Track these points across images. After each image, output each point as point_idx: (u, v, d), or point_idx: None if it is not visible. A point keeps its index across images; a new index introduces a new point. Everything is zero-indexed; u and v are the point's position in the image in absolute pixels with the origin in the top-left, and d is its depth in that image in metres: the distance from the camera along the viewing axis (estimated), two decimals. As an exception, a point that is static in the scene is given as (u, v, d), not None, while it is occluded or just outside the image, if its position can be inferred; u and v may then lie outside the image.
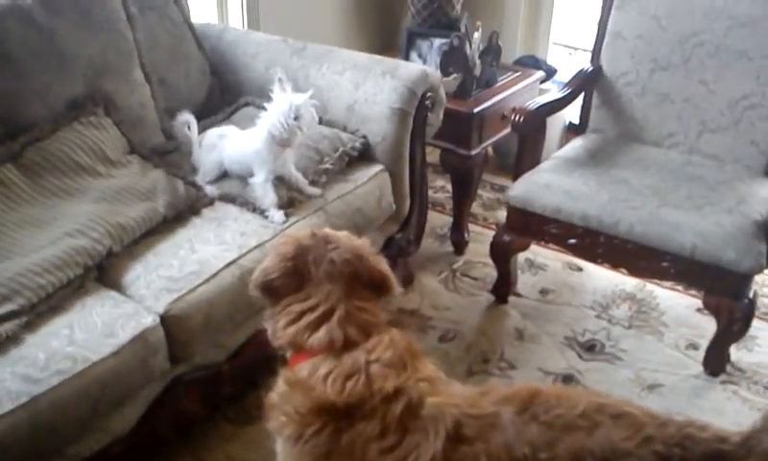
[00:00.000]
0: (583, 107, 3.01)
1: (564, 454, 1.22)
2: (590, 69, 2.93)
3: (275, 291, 1.48)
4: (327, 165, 2.42)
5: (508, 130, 2.97)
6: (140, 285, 1.95)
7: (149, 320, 1.85)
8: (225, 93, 2.87)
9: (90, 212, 2.05)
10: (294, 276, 1.46)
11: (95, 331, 1.78)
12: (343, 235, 1.56)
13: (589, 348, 2.64)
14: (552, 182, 2.56)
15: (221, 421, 2.27)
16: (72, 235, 1.97)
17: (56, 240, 1.95)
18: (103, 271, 1.99)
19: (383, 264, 1.56)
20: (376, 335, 1.43)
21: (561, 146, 3.12)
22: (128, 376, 1.80)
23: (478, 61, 3.05)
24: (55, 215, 2.06)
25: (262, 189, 2.25)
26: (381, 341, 1.42)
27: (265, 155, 2.26)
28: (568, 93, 2.86)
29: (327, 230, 1.58)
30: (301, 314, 1.44)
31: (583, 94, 2.95)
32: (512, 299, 2.89)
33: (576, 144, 2.86)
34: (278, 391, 1.44)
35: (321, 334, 1.40)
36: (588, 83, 2.93)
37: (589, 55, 3.01)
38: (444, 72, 2.93)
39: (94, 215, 2.03)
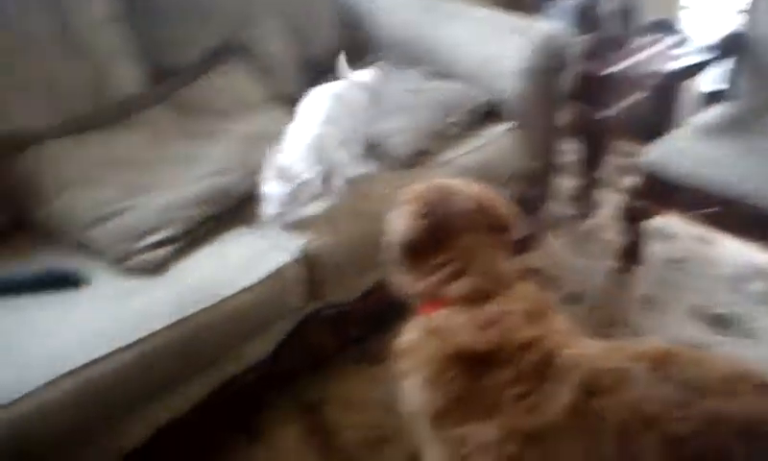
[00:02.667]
0: (724, 72, 2.86)
1: (698, 416, 1.19)
2: (736, 31, 2.79)
3: (412, 249, 1.49)
4: (458, 119, 2.43)
5: (642, 93, 2.88)
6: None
7: (287, 257, 1.93)
8: (357, 47, 2.88)
9: (231, 154, 2.15)
10: (429, 232, 1.47)
11: (236, 265, 1.89)
12: (460, 183, 1.57)
13: (720, 322, 2.55)
14: (689, 149, 2.47)
15: (348, 359, 2.37)
16: (214, 174, 2.09)
17: (200, 178, 2.07)
18: (243, 209, 2.07)
19: (506, 206, 1.56)
20: (511, 286, 1.44)
21: (696, 113, 2.99)
22: (265, 309, 1.90)
23: (611, 22, 2.96)
24: (199, 155, 2.18)
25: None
26: (517, 292, 1.44)
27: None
28: (710, 58, 2.74)
29: (444, 181, 1.59)
30: (439, 266, 1.45)
31: (726, 59, 2.81)
32: (638, 266, 2.82)
33: (716, 111, 2.73)
34: (411, 337, 1.47)
35: (459, 285, 1.42)
36: (732, 46, 2.78)
37: (727, 20, 2.88)
38: (577, 32, 2.86)
39: (234, 156, 2.14)
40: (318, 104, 2.14)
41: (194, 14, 2.43)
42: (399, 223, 1.50)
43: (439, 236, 1.46)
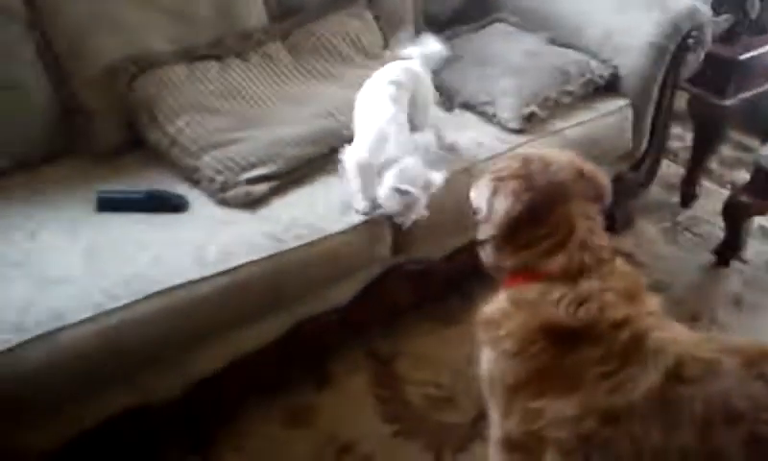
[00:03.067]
0: None
1: (790, 421, 1.17)
2: None
3: (515, 225, 1.44)
4: (572, 88, 2.38)
5: (771, 85, 2.73)
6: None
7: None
8: (481, 4, 2.85)
9: (343, 98, 2.16)
10: (531, 206, 1.42)
11: (333, 208, 1.92)
12: (553, 153, 1.53)
13: (813, 333, 2.44)
14: (811, 149, 2.35)
15: (423, 316, 2.38)
16: (324, 116, 2.12)
17: (310, 118, 2.11)
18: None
19: (601, 174, 1.52)
20: (608, 263, 1.42)
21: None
22: (353, 255, 1.94)
23: (757, 3, 2.76)
24: (311, 95, 2.22)
25: (351, 172, 1.90)
26: (614, 270, 1.42)
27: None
28: None
29: (536, 151, 1.55)
30: (538, 239, 1.42)
31: None
32: (735, 263, 2.72)
33: None
34: (500, 307, 1.47)
35: (558, 259, 1.40)
36: None
37: None
38: (716, 10, 2.68)
39: (346, 100, 2.13)
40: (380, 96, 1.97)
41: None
42: (502, 200, 1.44)
43: (540, 209, 1.42)
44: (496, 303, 1.49)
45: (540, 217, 1.42)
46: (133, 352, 1.64)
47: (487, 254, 1.53)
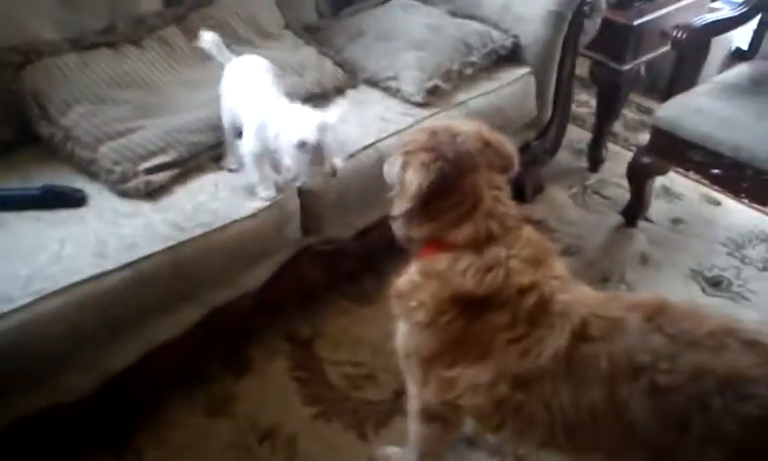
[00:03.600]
0: (756, 30, 2.81)
1: (685, 368, 1.22)
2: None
3: (427, 197, 1.43)
4: (475, 59, 2.40)
5: (666, 47, 2.81)
6: (282, 155, 2.03)
7: (287, 190, 1.93)
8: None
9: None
10: (442, 177, 1.42)
11: (238, 192, 1.89)
12: (460, 124, 1.54)
13: (715, 283, 2.55)
14: (705, 107, 2.44)
15: (339, 296, 2.39)
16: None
17: (209, 102, 2.05)
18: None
19: (507, 143, 1.54)
20: (515, 230, 1.44)
21: (721, 72, 2.94)
22: (262, 239, 1.92)
23: None
24: (209, 78, 2.13)
25: (249, 163, 1.89)
26: (519, 236, 1.44)
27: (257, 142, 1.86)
28: (742, 13, 2.68)
29: (443, 123, 1.56)
30: (446, 210, 1.43)
31: (759, 16, 2.76)
32: (641, 223, 2.83)
33: (740, 70, 2.69)
34: (411, 279, 1.48)
35: (465, 229, 1.41)
36: (764, 3, 2.72)
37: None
38: None
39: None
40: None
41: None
42: (411, 173, 1.44)
43: (449, 180, 1.43)
44: (408, 276, 1.50)
45: (449, 188, 1.42)
46: (39, 354, 1.58)
47: (398, 227, 1.53)
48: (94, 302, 1.61)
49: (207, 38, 2.00)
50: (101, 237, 1.69)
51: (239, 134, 1.92)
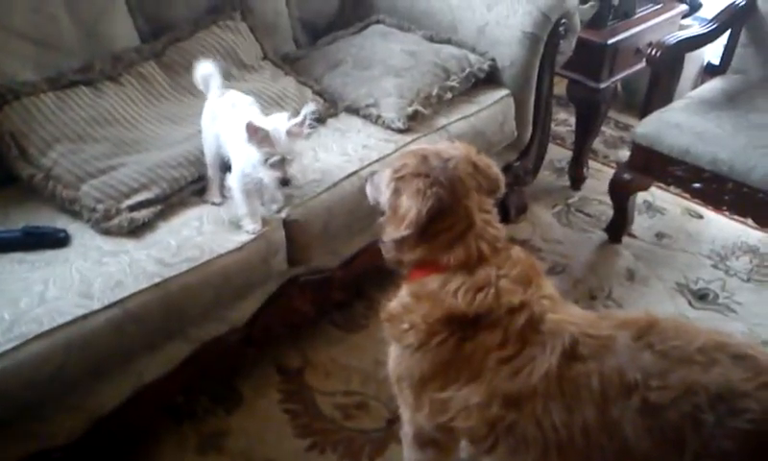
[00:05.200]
0: (727, 45, 2.85)
1: (676, 385, 1.22)
2: (742, 4, 2.76)
3: (426, 223, 1.43)
4: (454, 83, 2.42)
5: (641, 65, 2.86)
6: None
7: (272, 222, 1.93)
8: (357, 7, 2.87)
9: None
10: (440, 203, 1.42)
11: (222, 226, 1.88)
12: (448, 147, 1.55)
13: (702, 296, 2.57)
14: (683, 122, 2.47)
15: (328, 325, 2.37)
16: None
17: (190, 137, 2.05)
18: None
19: (494, 166, 1.55)
20: (503, 251, 1.45)
21: (696, 87, 2.98)
22: (249, 272, 1.90)
23: None
24: (190, 113, 2.15)
25: (237, 196, 1.89)
26: (509, 257, 1.45)
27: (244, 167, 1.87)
28: (713, 29, 2.72)
29: (431, 147, 1.57)
30: (438, 233, 1.43)
31: (729, 31, 2.80)
32: (625, 239, 2.84)
33: (713, 85, 2.73)
34: (402, 302, 1.48)
35: (457, 252, 1.42)
36: (737, 19, 2.77)
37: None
38: None
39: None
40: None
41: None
42: (406, 200, 1.44)
43: (445, 204, 1.43)
44: (399, 298, 1.50)
45: (444, 212, 1.43)
46: (24, 397, 1.55)
47: (388, 251, 1.53)
48: (81, 343, 1.59)
49: (206, 67, 2.00)
50: (86, 277, 1.67)
51: (225, 168, 1.91)
